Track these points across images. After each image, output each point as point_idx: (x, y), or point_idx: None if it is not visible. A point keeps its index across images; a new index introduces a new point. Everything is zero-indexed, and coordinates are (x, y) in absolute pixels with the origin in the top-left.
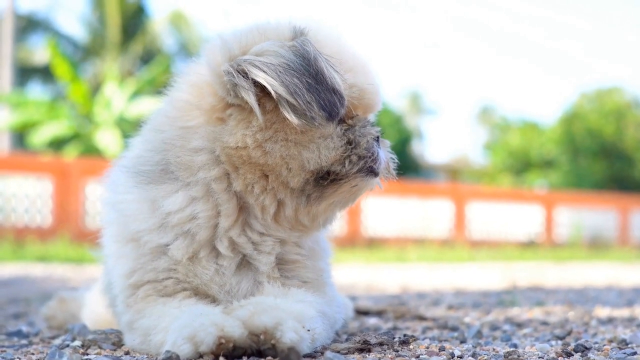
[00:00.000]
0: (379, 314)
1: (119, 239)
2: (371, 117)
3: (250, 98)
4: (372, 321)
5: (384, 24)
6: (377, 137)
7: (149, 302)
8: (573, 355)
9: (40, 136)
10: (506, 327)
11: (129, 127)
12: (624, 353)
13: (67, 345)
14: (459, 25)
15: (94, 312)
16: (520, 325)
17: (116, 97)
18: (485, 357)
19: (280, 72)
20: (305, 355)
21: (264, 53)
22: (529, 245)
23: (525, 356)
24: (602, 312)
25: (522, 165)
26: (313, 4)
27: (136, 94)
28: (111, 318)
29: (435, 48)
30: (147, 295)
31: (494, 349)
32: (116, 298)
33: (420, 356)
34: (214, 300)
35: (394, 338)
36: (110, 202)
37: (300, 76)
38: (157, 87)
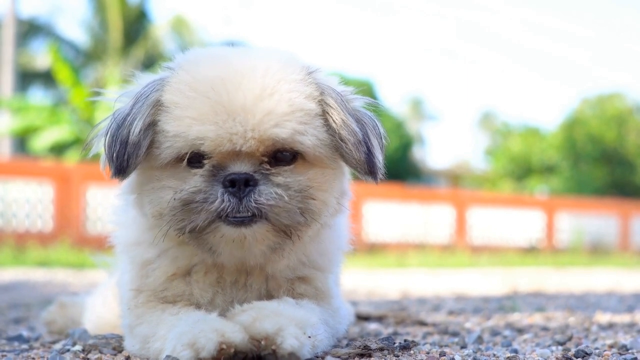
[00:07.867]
0: (380, 319)
1: (125, 243)
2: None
3: None
4: (372, 326)
5: (386, 30)
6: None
7: (149, 308)
8: None
9: (41, 141)
10: (507, 332)
11: None
12: (624, 359)
13: (68, 350)
14: (461, 31)
15: (96, 316)
16: (520, 330)
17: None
18: None
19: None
20: None
21: None
22: (530, 251)
23: None
24: (603, 317)
25: (523, 171)
26: (313, 8)
27: None
28: (113, 322)
29: (436, 54)
30: (148, 301)
31: (494, 355)
32: (122, 298)
33: None
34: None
35: (394, 343)
36: (119, 206)
37: (110, 129)
38: None
